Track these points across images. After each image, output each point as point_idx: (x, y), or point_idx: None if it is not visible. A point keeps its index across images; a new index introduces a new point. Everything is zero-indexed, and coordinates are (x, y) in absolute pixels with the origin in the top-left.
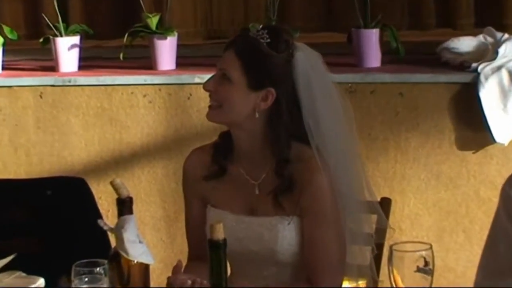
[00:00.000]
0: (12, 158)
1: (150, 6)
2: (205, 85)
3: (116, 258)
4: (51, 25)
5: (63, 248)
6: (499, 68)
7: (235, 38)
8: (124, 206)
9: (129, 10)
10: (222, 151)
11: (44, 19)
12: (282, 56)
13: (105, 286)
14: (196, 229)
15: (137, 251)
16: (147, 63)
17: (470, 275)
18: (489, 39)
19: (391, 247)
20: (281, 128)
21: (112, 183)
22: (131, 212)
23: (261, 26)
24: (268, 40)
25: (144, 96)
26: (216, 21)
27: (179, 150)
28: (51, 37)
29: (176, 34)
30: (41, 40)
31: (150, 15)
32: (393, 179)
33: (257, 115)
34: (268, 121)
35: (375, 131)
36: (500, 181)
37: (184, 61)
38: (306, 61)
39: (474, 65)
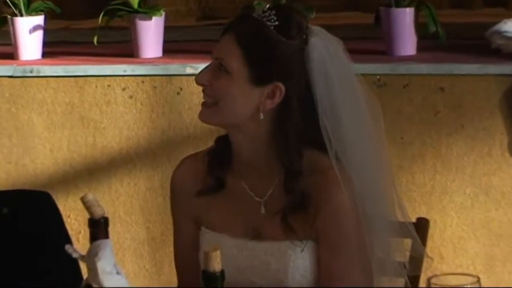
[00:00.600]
0: None
1: None
2: (198, 78)
3: None
4: (8, 2)
5: (22, 279)
6: None
7: (235, 19)
8: (98, 228)
9: None
10: (219, 160)
11: None
12: (293, 43)
13: None
14: (187, 257)
15: (114, 284)
16: (127, 49)
17: None
18: None
19: (429, 280)
20: (291, 132)
21: (83, 200)
22: (106, 236)
23: (267, 6)
24: (277, 23)
25: (123, 89)
26: None
27: (167, 157)
28: (8, 16)
29: (163, 13)
30: None
31: None
32: (431, 194)
33: (261, 116)
34: (275, 123)
35: (409, 135)
36: None
37: (172, 47)
38: (323, 48)
39: None
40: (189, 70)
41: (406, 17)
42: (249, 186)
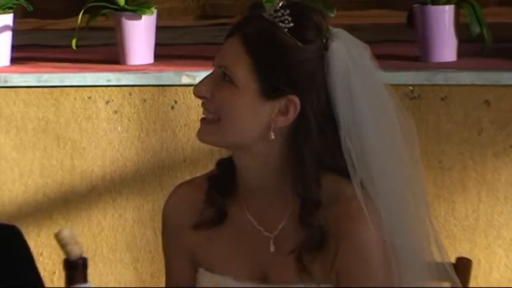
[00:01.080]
0: None
1: None
2: (197, 89)
3: None
4: None
5: None
6: None
7: (242, 20)
8: (75, 270)
9: None
10: (221, 187)
11: None
12: (310, 49)
13: None
14: None
15: None
16: (112, 54)
17: None
18: None
19: None
20: (308, 155)
21: (57, 236)
22: (85, 280)
23: (280, 3)
24: (291, 25)
25: (107, 103)
26: None
27: (158, 184)
28: None
29: (154, 11)
30: None
31: None
32: (475, 229)
33: (272, 136)
34: (288, 144)
35: (448, 158)
36: None
37: (166, 51)
38: (347, 55)
39: None
40: (185, 80)
41: (444, 16)
42: (257, 219)
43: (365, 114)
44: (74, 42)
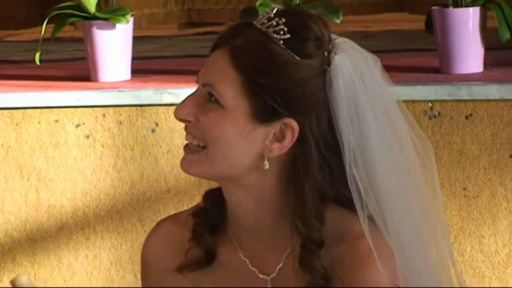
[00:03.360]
0: None
1: None
2: (178, 111)
3: None
4: None
5: None
6: None
7: (229, 30)
8: None
9: None
10: (210, 223)
11: None
12: (310, 64)
13: None
14: None
15: None
16: (82, 70)
17: None
18: None
19: None
20: (308, 187)
21: (14, 283)
22: None
23: (275, 9)
24: (287, 36)
25: (77, 126)
26: None
27: (138, 219)
28: None
29: (130, 19)
30: None
31: None
32: (506, 266)
33: (266, 165)
34: (286, 175)
35: (474, 184)
36: None
37: (145, 65)
38: (353, 70)
39: None
40: (167, 98)
41: (468, 20)
42: (251, 259)
43: (373, 138)
44: (37, 56)
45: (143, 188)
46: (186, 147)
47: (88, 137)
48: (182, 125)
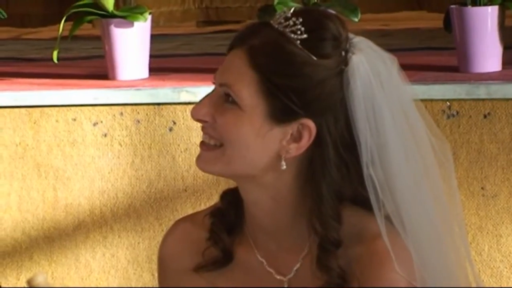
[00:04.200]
0: None
1: None
2: (195, 111)
3: None
4: None
5: None
6: None
7: (246, 29)
8: None
9: None
10: (227, 223)
11: None
12: (327, 64)
13: None
14: None
15: None
16: (99, 68)
17: None
18: None
19: None
20: (325, 187)
21: (30, 283)
22: None
23: (292, 9)
24: (305, 36)
25: (95, 125)
26: None
27: (155, 218)
28: None
29: (148, 17)
30: None
31: None
32: None
33: (283, 165)
34: (303, 175)
35: (492, 184)
36: None
37: (163, 64)
38: (370, 70)
39: None
40: (185, 97)
41: (487, 18)
42: (268, 260)
43: (391, 138)
44: (55, 54)
45: (160, 187)
46: (202, 144)
47: (105, 135)
48: (200, 124)
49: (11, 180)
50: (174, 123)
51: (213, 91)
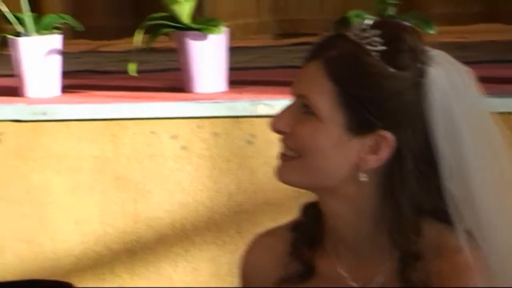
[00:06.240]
0: None
1: None
2: (275, 123)
3: None
4: (8, 16)
5: None
6: None
7: (322, 41)
8: None
9: None
10: (308, 236)
11: None
12: (405, 76)
13: None
14: None
15: None
16: (176, 80)
17: None
18: None
19: None
20: (404, 200)
21: None
22: None
23: (369, 21)
24: (382, 48)
25: (173, 138)
26: (293, 6)
27: (236, 231)
28: (9, 36)
29: (223, 30)
30: None
31: None
32: None
33: (362, 177)
34: (383, 188)
35: None
36: None
37: (239, 76)
38: (447, 83)
39: None
40: (262, 110)
41: None
42: (349, 273)
43: (469, 151)
44: (132, 66)
45: (240, 200)
46: (281, 155)
47: (184, 148)
48: (278, 136)
49: (91, 193)
50: (253, 136)
51: (291, 102)
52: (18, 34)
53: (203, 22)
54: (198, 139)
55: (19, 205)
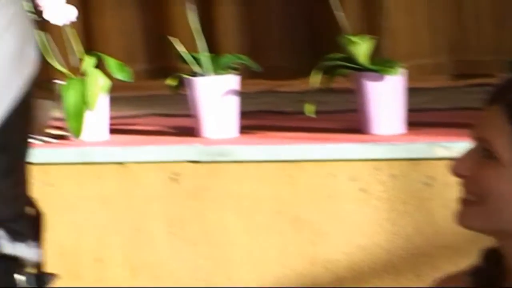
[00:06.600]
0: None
1: (354, 22)
2: (456, 167)
3: None
4: (185, 56)
5: None
6: None
7: (502, 86)
8: None
9: (318, 29)
10: (487, 282)
11: (173, 45)
12: None
13: None
14: None
15: None
16: (352, 121)
17: None
18: None
19: None
20: None
21: None
22: None
23: None
24: None
25: (352, 179)
26: (469, 46)
27: (415, 275)
28: (185, 76)
29: (400, 71)
30: (168, 80)
31: (356, 39)
32: None
33: None
34: None
35: None
36: None
37: (416, 118)
38: None
39: None
40: (439, 152)
41: None
42: None
43: None
44: (309, 107)
45: (418, 243)
46: (462, 199)
47: (362, 190)
48: (457, 179)
49: (269, 234)
50: (430, 178)
51: (472, 146)
52: (194, 74)
53: (380, 63)
54: (376, 181)
55: (195, 246)
